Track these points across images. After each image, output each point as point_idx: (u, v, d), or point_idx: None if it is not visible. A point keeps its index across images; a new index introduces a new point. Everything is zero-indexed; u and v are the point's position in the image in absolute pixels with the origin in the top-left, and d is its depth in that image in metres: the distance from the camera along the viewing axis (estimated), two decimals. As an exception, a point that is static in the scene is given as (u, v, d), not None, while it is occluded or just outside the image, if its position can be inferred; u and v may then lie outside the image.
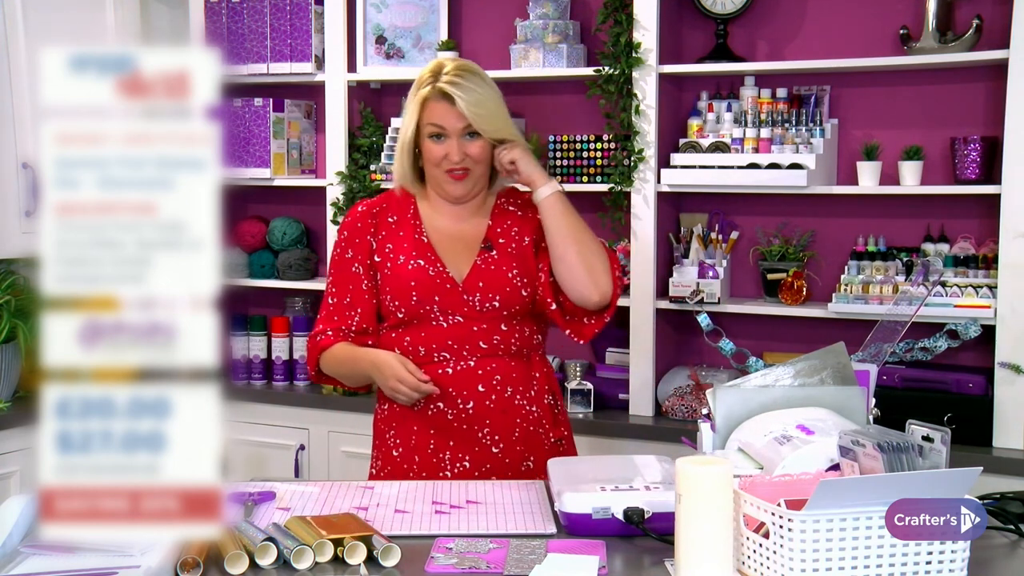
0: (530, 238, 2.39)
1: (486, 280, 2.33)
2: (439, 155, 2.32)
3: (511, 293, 2.33)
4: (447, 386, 2.31)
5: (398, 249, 2.37)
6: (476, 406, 2.31)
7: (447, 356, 2.32)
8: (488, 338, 2.32)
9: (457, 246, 2.38)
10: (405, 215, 2.41)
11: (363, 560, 1.64)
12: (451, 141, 2.31)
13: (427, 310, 2.32)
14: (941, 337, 3.14)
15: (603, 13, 3.50)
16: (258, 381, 4.00)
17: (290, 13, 3.89)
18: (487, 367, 2.32)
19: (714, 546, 1.53)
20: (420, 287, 2.32)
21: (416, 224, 2.40)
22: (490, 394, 2.31)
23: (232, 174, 3.89)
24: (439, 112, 2.31)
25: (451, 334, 2.32)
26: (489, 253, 2.36)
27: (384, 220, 2.42)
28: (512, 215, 2.41)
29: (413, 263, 2.35)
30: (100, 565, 1.54)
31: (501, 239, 2.38)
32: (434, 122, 2.31)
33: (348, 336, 2.38)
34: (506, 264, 2.35)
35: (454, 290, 2.32)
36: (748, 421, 1.80)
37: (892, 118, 3.42)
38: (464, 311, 2.32)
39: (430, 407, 2.32)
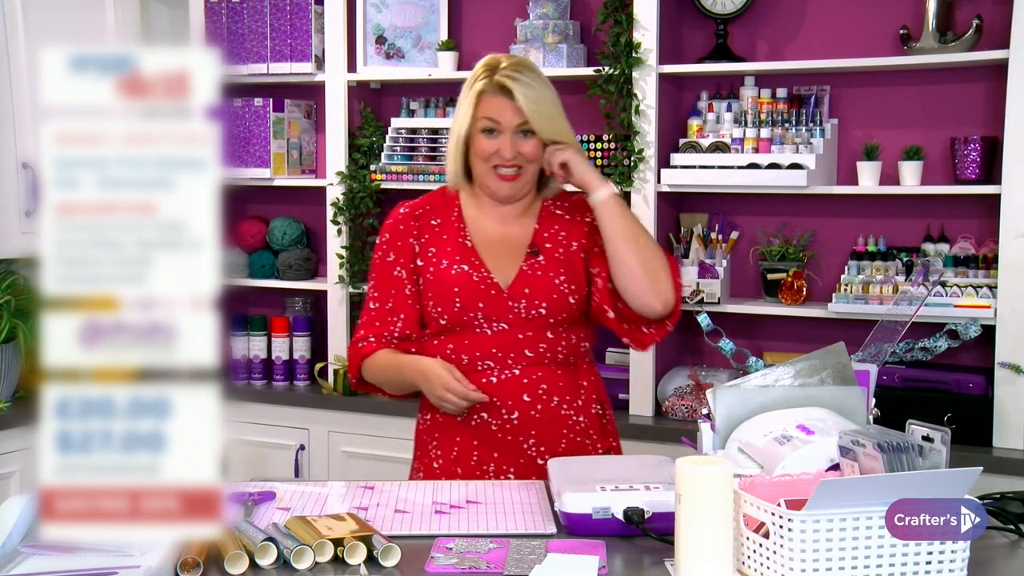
0: (579, 243, 2.30)
1: (532, 286, 2.25)
2: (490, 150, 2.24)
3: (558, 300, 2.25)
4: (491, 395, 2.22)
5: (441, 253, 2.29)
6: (521, 416, 2.22)
7: (491, 364, 2.24)
8: (534, 346, 2.24)
9: (502, 250, 2.30)
10: (449, 217, 2.33)
11: (363, 560, 1.64)
12: (504, 137, 2.23)
13: (471, 317, 2.24)
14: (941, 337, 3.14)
15: (603, 13, 3.50)
16: (258, 381, 4.00)
17: (290, 13, 3.89)
18: (532, 376, 2.24)
19: (714, 546, 1.53)
20: (464, 293, 2.24)
21: (460, 227, 2.32)
22: (536, 404, 2.23)
23: (232, 174, 3.88)
24: (495, 106, 2.23)
25: (495, 342, 2.24)
26: (536, 258, 2.28)
27: (427, 223, 2.34)
28: (560, 219, 2.33)
29: (456, 268, 2.27)
30: (100, 565, 1.54)
31: (548, 244, 2.30)
32: (489, 116, 2.23)
33: (391, 343, 2.30)
34: (553, 270, 2.27)
35: (499, 296, 2.24)
36: (748, 421, 1.80)
37: (892, 118, 3.42)
38: (509, 318, 2.24)
39: (474, 417, 2.24)
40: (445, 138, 3.79)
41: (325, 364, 3.92)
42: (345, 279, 3.88)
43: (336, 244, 3.90)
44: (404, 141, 3.85)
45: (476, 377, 2.22)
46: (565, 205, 2.36)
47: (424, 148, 3.81)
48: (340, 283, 3.89)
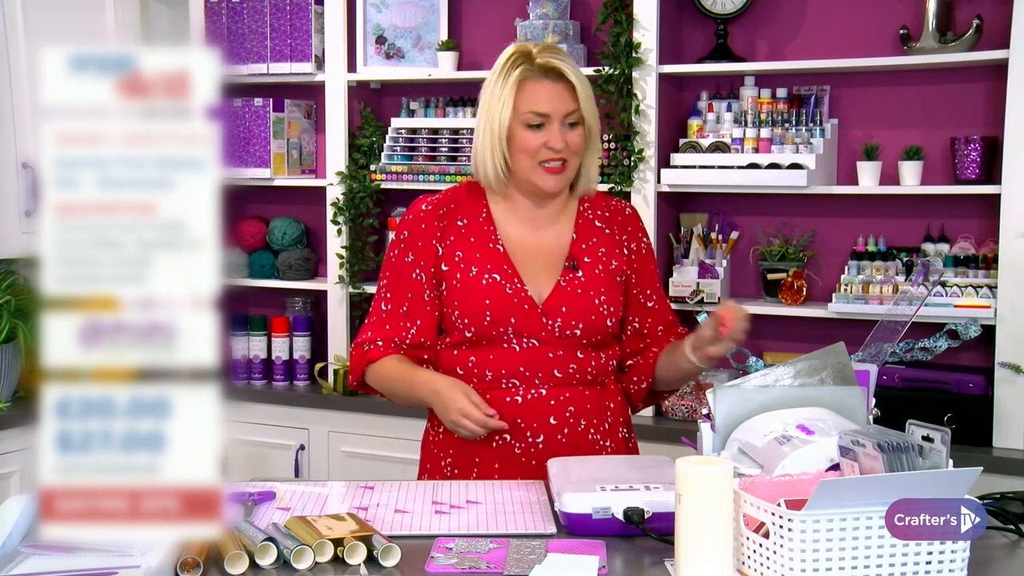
0: (618, 264, 2.18)
1: (570, 304, 2.12)
2: (536, 145, 2.08)
3: (596, 322, 2.12)
4: (515, 417, 2.09)
5: (469, 258, 2.14)
6: (547, 440, 2.10)
7: (516, 383, 2.11)
8: (563, 366, 2.12)
9: (537, 260, 2.16)
10: (476, 218, 2.18)
11: (363, 560, 1.64)
12: (553, 127, 2.08)
13: (500, 332, 2.10)
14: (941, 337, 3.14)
15: (603, 13, 3.50)
16: (258, 381, 4.00)
17: (290, 13, 3.89)
18: (560, 397, 2.11)
19: (714, 546, 1.53)
20: (495, 306, 2.09)
21: (489, 230, 2.16)
22: (562, 427, 2.11)
23: (232, 174, 3.88)
24: (543, 94, 2.08)
25: (523, 359, 2.10)
26: (574, 273, 2.14)
27: (453, 222, 2.17)
28: (599, 232, 2.19)
29: (488, 277, 2.12)
30: (100, 565, 1.54)
31: (587, 258, 2.16)
32: (536, 109, 2.08)
33: (400, 349, 2.16)
34: (593, 288, 2.13)
35: (532, 312, 2.10)
36: (748, 421, 1.80)
37: (892, 118, 3.42)
38: (541, 335, 2.10)
39: (495, 439, 2.11)
40: (445, 138, 3.79)
41: (325, 364, 3.92)
42: (345, 279, 3.88)
43: (336, 244, 3.90)
44: (404, 141, 3.85)
45: (500, 395, 2.10)
46: (604, 215, 2.22)
47: (424, 148, 3.81)
48: (340, 283, 3.89)
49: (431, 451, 2.24)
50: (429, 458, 2.25)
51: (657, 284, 2.27)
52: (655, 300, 2.25)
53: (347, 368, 3.79)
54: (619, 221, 2.23)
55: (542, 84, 2.08)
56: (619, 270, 2.19)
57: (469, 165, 3.70)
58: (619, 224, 2.23)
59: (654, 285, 2.25)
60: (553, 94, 2.08)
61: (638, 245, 2.24)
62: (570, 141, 2.11)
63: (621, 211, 2.25)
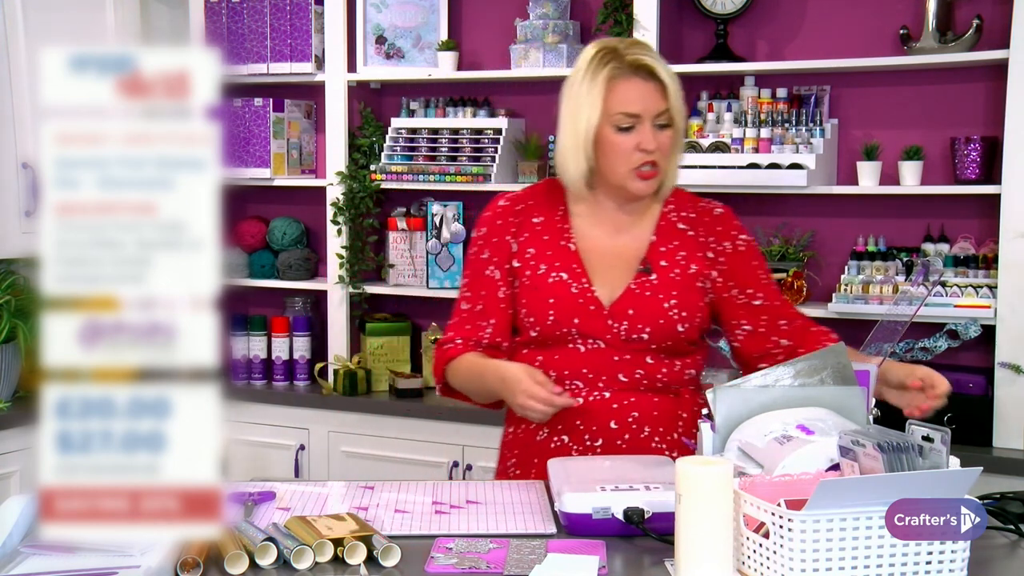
0: (697, 267, 2.10)
1: (638, 307, 2.06)
2: (628, 147, 2.01)
3: (664, 326, 2.06)
4: (576, 418, 2.06)
5: (540, 256, 2.10)
6: (605, 444, 2.06)
7: (580, 385, 2.07)
8: (630, 371, 2.06)
9: (612, 262, 2.10)
10: (553, 216, 2.13)
11: (363, 560, 1.64)
12: (644, 127, 2.01)
13: (564, 332, 2.06)
14: (941, 337, 3.15)
15: (603, 13, 3.50)
16: (258, 381, 4.00)
17: (290, 13, 3.89)
18: (623, 401, 2.06)
19: (714, 546, 1.53)
20: (559, 305, 2.06)
21: (564, 228, 2.12)
22: (623, 432, 2.06)
23: (232, 174, 3.89)
24: (634, 93, 2.01)
25: (588, 361, 2.06)
26: (647, 277, 2.08)
27: (528, 220, 2.14)
28: (681, 235, 2.12)
29: (555, 276, 2.08)
30: (100, 565, 1.54)
31: (663, 261, 2.09)
32: (627, 110, 2.00)
33: (478, 348, 2.12)
34: (663, 292, 2.07)
35: (598, 313, 2.06)
36: (748, 421, 1.80)
37: (892, 118, 3.42)
38: (607, 337, 2.05)
39: (554, 439, 2.09)
40: (445, 138, 3.79)
41: (325, 364, 3.92)
42: (345, 279, 3.88)
43: (336, 244, 3.90)
44: (404, 141, 3.85)
45: None
46: (690, 216, 2.14)
47: (424, 148, 3.81)
48: (340, 283, 3.89)
49: (502, 451, 2.22)
50: (500, 456, 2.22)
51: (762, 281, 2.15)
52: (762, 298, 2.13)
53: (347, 368, 3.80)
54: (706, 223, 2.14)
55: (632, 83, 2.01)
56: (700, 275, 2.10)
57: (469, 165, 3.72)
58: (706, 226, 2.14)
59: (758, 283, 2.14)
60: (645, 93, 2.01)
61: (732, 244, 2.14)
62: (661, 143, 2.04)
63: (709, 212, 2.16)
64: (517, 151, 3.76)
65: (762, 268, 2.18)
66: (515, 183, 3.72)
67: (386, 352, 3.89)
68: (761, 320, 2.13)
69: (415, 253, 3.87)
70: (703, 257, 2.12)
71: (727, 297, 2.13)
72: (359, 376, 3.79)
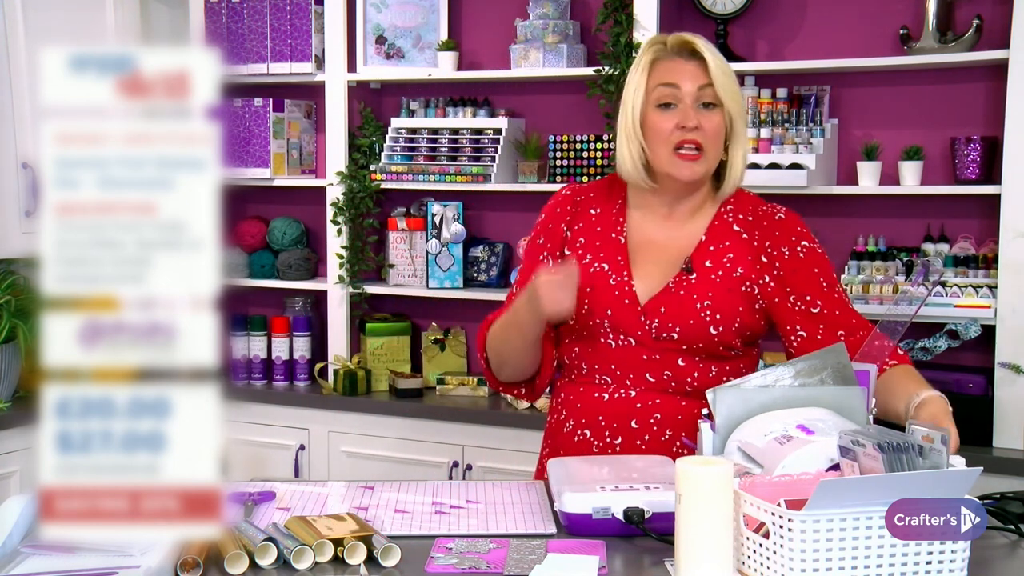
0: (744, 270, 2.05)
1: (670, 306, 2.02)
2: (669, 127, 1.99)
3: (695, 327, 2.01)
4: (598, 414, 2.06)
5: (589, 246, 2.09)
6: (625, 443, 2.05)
7: (607, 380, 2.05)
8: (658, 371, 2.03)
9: (658, 258, 2.08)
10: (610, 209, 2.12)
11: (363, 560, 1.64)
12: (685, 105, 1.98)
13: (596, 324, 2.04)
14: (941, 337, 3.15)
15: (603, 13, 3.50)
16: (258, 381, 4.00)
17: (290, 13, 3.89)
18: (647, 402, 2.04)
19: (714, 546, 1.53)
20: (595, 295, 2.03)
21: (618, 221, 2.10)
22: (643, 433, 2.04)
23: (232, 174, 3.89)
24: (674, 69, 1.99)
25: (616, 357, 2.04)
26: (687, 276, 2.04)
27: (586, 210, 2.13)
28: (735, 236, 2.08)
29: (597, 266, 2.06)
30: (100, 565, 1.54)
31: (708, 261, 2.05)
32: (664, 81, 1.99)
33: None
34: (699, 292, 2.02)
35: (632, 307, 2.03)
36: (748, 421, 1.80)
37: (892, 118, 3.42)
38: (638, 334, 2.02)
39: (577, 432, 2.09)
40: (445, 138, 3.79)
41: (325, 364, 3.92)
42: (345, 279, 3.88)
43: (336, 244, 3.90)
44: (404, 141, 3.85)
45: (590, 390, 2.07)
46: (748, 219, 2.10)
47: (424, 148, 3.81)
48: (340, 283, 3.89)
49: (544, 441, 2.23)
50: (542, 447, 2.23)
51: (822, 289, 2.08)
52: (821, 305, 2.06)
53: (347, 368, 3.80)
54: (764, 227, 2.10)
55: (674, 61, 2.01)
56: (745, 278, 2.05)
57: (468, 165, 3.72)
58: (763, 230, 2.09)
59: (818, 290, 2.07)
60: (684, 68, 2.00)
61: (791, 250, 2.09)
62: (705, 124, 1.99)
63: (770, 216, 2.12)
64: (517, 151, 3.76)
65: (825, 275, 2.11)
66: (515, 183, 3.72)
67: (386, 352, 3.89)
68: (819, 328, 2.05)
69: (415, 253, 3.87)
70: (754, 261, 2.07)
71: (780, 303, 2.07)
72: (359, 376, 3.79)
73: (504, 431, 3.51)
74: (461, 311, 3.92)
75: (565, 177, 3.60)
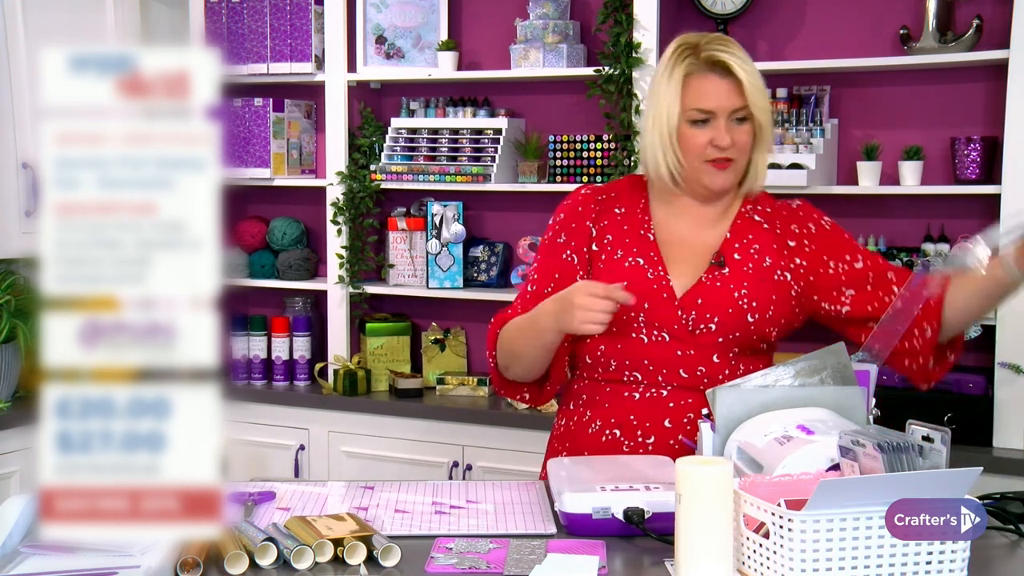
0: (772, 259, 2.08)
1: (707, 298, 2.03)
2: (702, 143, 2.01)
3: (733, 316, 2.02)
4: (629, 413, 2.04)
5: (618, 243, 2.09)
6: (657, 443, 2.03)
7: (638, 377, 2.04)
8: (692, 367, 2.02)
9: (688, 255, 2.09)
10: (634, 208, 2.13)
11: (363, 560, 1.64)
12: (719, 123, 2.01)
13: (631, 318, 2.02)
14: (941, 337, 3.14)
15: (603, 13, 3.50)
16: (258, 381, 4.00)
17: (290, 13, 3.89)
18: (680, 401, 2.02)
19: (714, 546, 1.53)
20: (632, 289, 1.98)
21: (645, 219, 2.11)
22: (677, 432, 2.02)
23: (232, 174, 3.89)
24: (708, 89, 2.00)
25: (650, 353, 2.03)
26: (720, 270, 2.06)
27: (610, 208, 2.13)
28: (757, 227, 2.11)
29: (631, 261, 2.06)
30: (100, 565, 1.54)
31: (737, 255, 2.08)
32: (701, 106, 2.01)
33: None
34: (735, 282, 2.04)
35: (669, 301, 2.03)
36: (748, 421, 1.80)
37: (892, 118, 3.42)
38: (674, 329, 2.02)
39: (605, 433, 2.06)
40: (445, 138, 3.79)
41: (325, 364, 3.92)
42: (345, 279, 3.88)
43: (336, 244, 3.90)
44: (404, 141, 3.85)
45: (619, 389, 2.06)
46: (766, 211, 2.14)
47: (424, 148, 3.81)
48: (340, 283, 3.89)
49: (553, 445, 2.19)
50: (551, 453, 2.19)
51: (856, 248, 2.12)
52: (863, 259, 2.10)
53: (347, 368, 3.80)
54: (784, 216, 2.14)
55: (708, 79, 2.01)
56: (775, 267, 2.08)
57: (469, 165, 3.72)
58: (783, 219, 2.13)
59: (855, 250, 2.11)
60: (719, 89, 2.01)
61: (816, 226, 2.14)
62: (737, 138, 2.03)
63: (786, 206, 2.17)
64: (517, 151, 3.76)
65: (848, 241, 2.15)
66: (515, 183, 3.72)
67: (386, 352, 3.89)
68: (867, 280, 2.08)
69: (415, 253, 3.87)
70: (780, 248, 2.10)
71: (822, 273, 2.10)
72: (359, 376, 3.79)
73: (504, 431, 3.51)
74: (461, 311, 3.92)
75: (565, 177, 3.60)
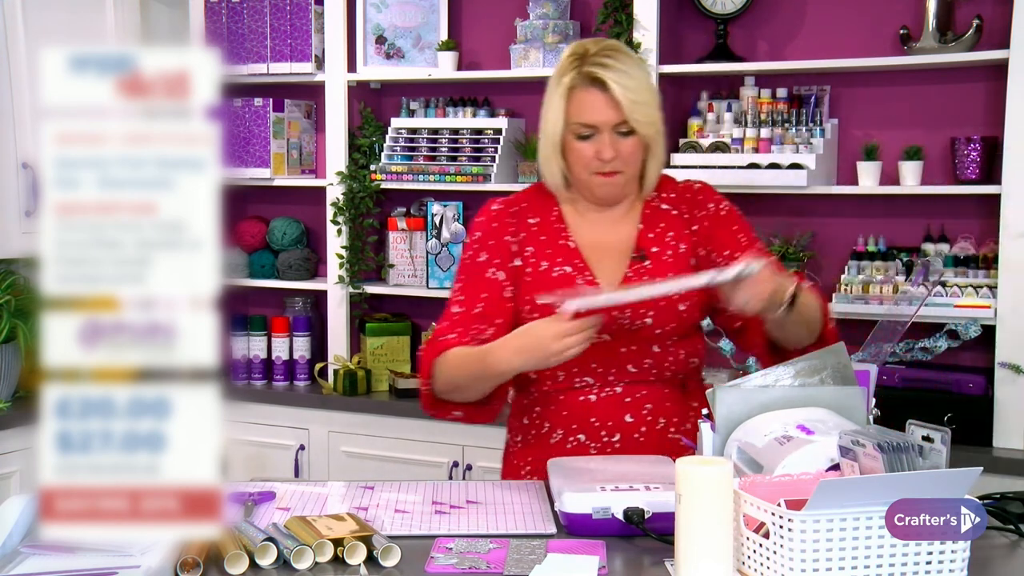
0: (687, 245, 2.11)
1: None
2: (588, 155, 2.05)
3: (666, 308, 2.05)
4: (589, 416, 2.06)
5: (540, 254, 2.11)
6: (623, 439, 2.06)
7: (590, 381, 2.07)
8: (638, 361, 2.06)
9: (608, 255, 2.12)
10: (548, 217, 2.15)
11: (363, 560, 1.64)
12: (602, 137, 2.03)
13: None
14: (941, 337, 3.14)
15: (603, 13, 3.50)
16: (258, 381, 4.00)
17: (290, 13, 3.89)
18: (636, 394, 2.06)
19: (714, 546, 1.53)
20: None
21: (560, 228, 2.13)
22: (639, 425, 2.06)
23: (232, 174, 3.89)
24: (589, 105, 2.02)
25: (595, 356, 2.02)
26: (642, 264, 2.09)
27: (524, 220, 2.14)
28: (666, 215, 2.13)
29: (559, 270, 2.08)
30: (100, 565, 1.54)
31: (655, 247, 2.11)
32: (583, 120, 2.03)
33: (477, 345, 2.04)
34: (660, 275, 2.05)
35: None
36: (748, 421, 1.80)
37: (892, 118, 3.42)
38: (612, 329, 2.03)
39: (570, 440, 2.08)
40: (445, 138, 3.79)
41: (325, 364, 3.92)
42: (345, 279, 3.88)
43: (336, 244, 3.90)
44: (404, 141, 3.85)
45: (573, 395, 2.08)
46: (671, 196, 2.16)
47: (424, 148, 3.81)
48: (340, 283, 3.89)
49: (512, 463, 2.19)
50: (510, 471, 2.19)
51: (742, 242, 2.12)
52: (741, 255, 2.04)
53: (347, 368, 3.80)
54: (687, 199, 2.16)
55: (590, 92, 2.03)
56: (689, 253, 2.11)
57: (469, 165, 3.73)
58: (687, 202, 2.16)
59: (736, 244, 2.12)
60: (601, 104, 2.02)
61: (715, 208, 2.15)
62: (622, 150, 2.05)
63: (689, 188, 2.19)
64: (517, 151, 3.76)
65: (744, 232, 2.16)
66: (515, 183, 3.72)
67: (386, 352, 3.89)
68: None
69: (415, 253, 3.87)
70: (690, 235, 2.13)
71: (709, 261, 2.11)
72: (359, 376, 3.79)
73: (504, 431, 3.50)
74: (461, 311, 3.92)
75: (565, 177, 3.60)
